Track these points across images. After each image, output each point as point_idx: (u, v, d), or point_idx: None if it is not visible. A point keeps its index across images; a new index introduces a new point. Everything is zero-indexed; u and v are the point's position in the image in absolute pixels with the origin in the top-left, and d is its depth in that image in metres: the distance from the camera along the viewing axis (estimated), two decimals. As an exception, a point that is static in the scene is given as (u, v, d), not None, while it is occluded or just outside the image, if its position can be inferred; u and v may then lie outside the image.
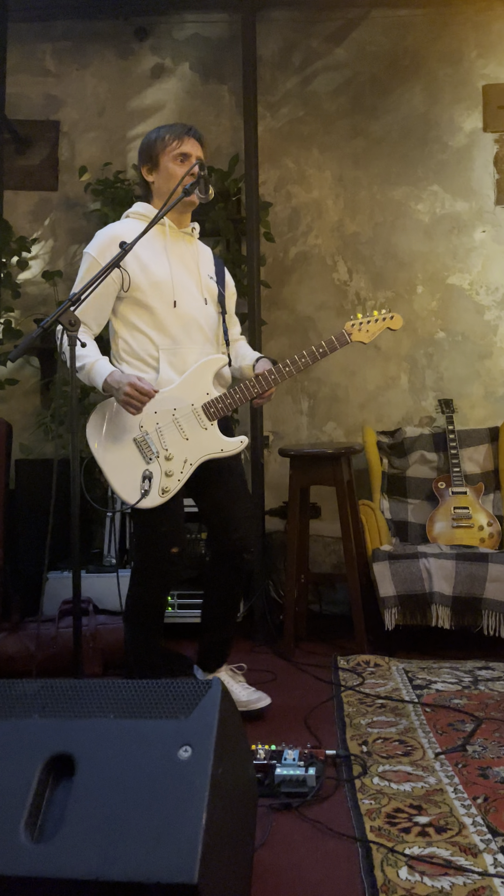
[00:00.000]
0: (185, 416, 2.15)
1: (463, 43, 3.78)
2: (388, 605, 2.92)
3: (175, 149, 2.19)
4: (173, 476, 2.12)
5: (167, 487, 2.12)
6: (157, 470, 2.12)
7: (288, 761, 1.88)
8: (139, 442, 2.13)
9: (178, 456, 2.13)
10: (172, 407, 2.15)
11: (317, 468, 3.09)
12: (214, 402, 2.16)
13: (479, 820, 1.65)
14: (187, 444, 2.14)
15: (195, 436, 2.15)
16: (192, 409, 2.16)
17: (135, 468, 2.12)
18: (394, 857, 1.51)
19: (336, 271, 3.85)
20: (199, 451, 2.15)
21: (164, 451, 2.13)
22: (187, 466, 2.14)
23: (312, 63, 3.85)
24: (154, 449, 2.13)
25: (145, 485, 2.09)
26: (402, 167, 3.82)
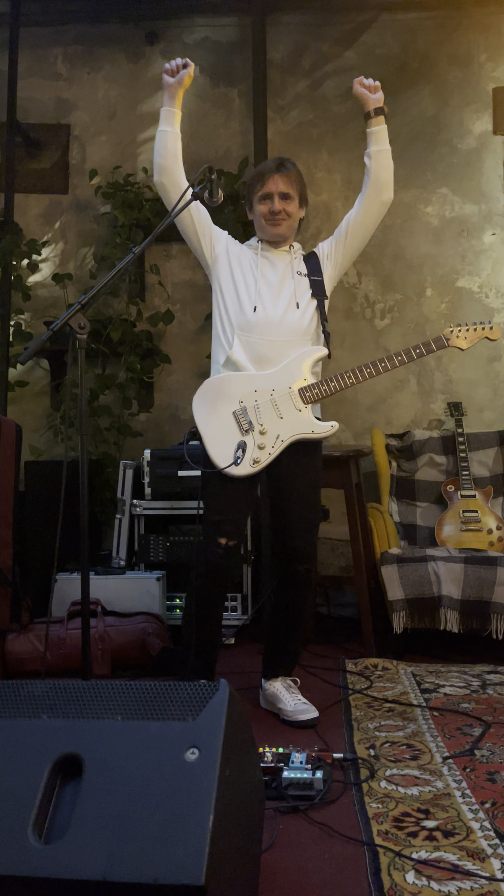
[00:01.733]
0: (282, 397, 2.31)
1: (472, 46, 3.78)
2: (396, 609, 2.91)
3: (259, 191, 2.38)
4: (265, 449, 2.28)
5: (258, 459, 2.27)
6: (251, 442, 2.27)
7: (295, 764, 1.88)
8: (237, 414, 2.29)
9: (271, 431, 2.29)
10: (271, 388, 2.31)
11: (325, 471, 3.08)
12: (311, 388, 2.32)
13: (487, 825, 1.65)
14: (281, 422, 2.30)
15: (289, 415, 2.30)
16: (290, 391, 2.31)
17: (231, 438, 2.28)
18: (401, 861, 1.51)
19: (345, 274, 3.84)
20: (292, 430, 2.30)
21: (260, 425, 2.29)
22: (279, 442, 2.29)
23: (322, 66, 3.86)
24: (250, 422, 2.29)
25: (238, 453, 2.24)
26: (411, 170, 3.81)
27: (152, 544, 3.27)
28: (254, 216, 2.43)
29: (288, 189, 2.37)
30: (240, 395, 2.31)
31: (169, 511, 3.29)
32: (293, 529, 2.37)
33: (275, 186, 2.36)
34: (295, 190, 2.39)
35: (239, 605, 3.23)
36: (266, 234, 2.41)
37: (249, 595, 3.26)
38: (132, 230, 3.67)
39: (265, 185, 2.36)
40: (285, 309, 2.35)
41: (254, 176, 2.44)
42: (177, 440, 3.71)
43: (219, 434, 2.28)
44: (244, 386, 2.31)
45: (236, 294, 2.37)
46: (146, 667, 2.83)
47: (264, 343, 2.34)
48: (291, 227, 2.42)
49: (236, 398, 2.31)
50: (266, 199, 2.37)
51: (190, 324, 3.91)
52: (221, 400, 2.31)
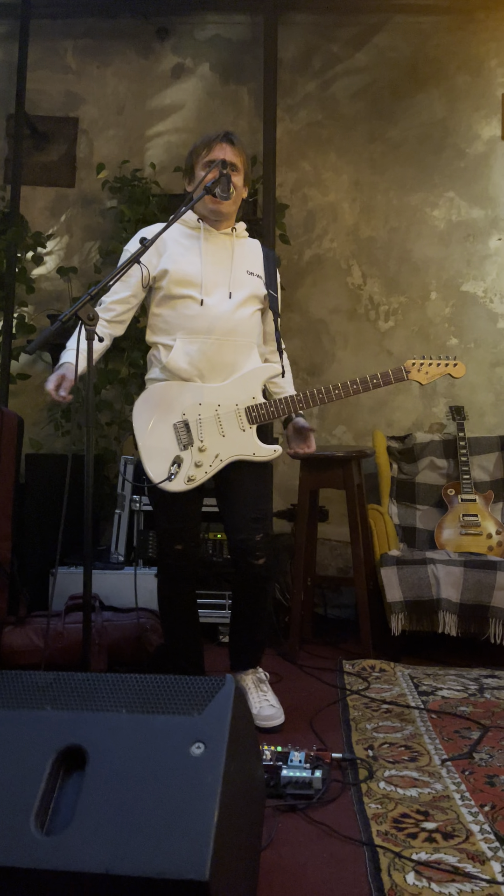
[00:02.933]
0: (227, 415, 2.20)
1: (483, 51, 3.78)
2: (395, 611, 2.91)
3: (204, 157, 2.21)
4: (202, 467, 2.18)
5: (193, 476, 2.17)
6: (188, 458, 2.18)
7: (294, 763, 1.87)
8: (178, 428, 2.20)
9: (210, 449, 2.19)
10: (217, 403, 2.20)
11: (327, 471, 3.09)
12: (258, 408, 2.22)
13: (487, 827, 1.64)
14: (223, 441, 2.20)
15: (232, 434, 2.21)
16: (236, 409, 2.21)
17: (168, 451, 2.18)
18: (401, 862, 1.50)
19: (350, 275, 3.85)
20: (233, 450, 2.21)
21: (200, 441, 2.19)
22: (217, 461, 2.20)
23: (332, 67, 3.86)
24: (191, 437, 2.19)
25: (173, 468, 2.15)
26: (418, 173, 3.82)
27: (151, 540, 3.26)
28: (193, 187, 2.22)
29: (235, 160, 2.20)
30: (183, 407, 2.19)
31: (169, 508, 3.28)
32: (241, 523, 2.24)
33: (221, 154, 2.18)
34: (241, 163, 2.22)
35: (237, 603, 3.21)
36: (208, 211, 2.22)
37: (247, 594, 3.24)
38: (138, 225, 3.66)
39: (212, 149, 2.19)
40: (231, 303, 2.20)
41: (199, 143, 2.24)
42: (178, 437, 3.70)
43: (156, 447, 2.19)
44: (189, 398, 2.19)
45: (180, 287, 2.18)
46: (143, 663, 2.81)
47: (210, 344, 2.19)
48: (236, 204, 2.25)
49: (179, 410, 2.19)
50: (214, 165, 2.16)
51: (193, 321, 3.89)
52: (163, 410, 2.20)
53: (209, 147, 2.21)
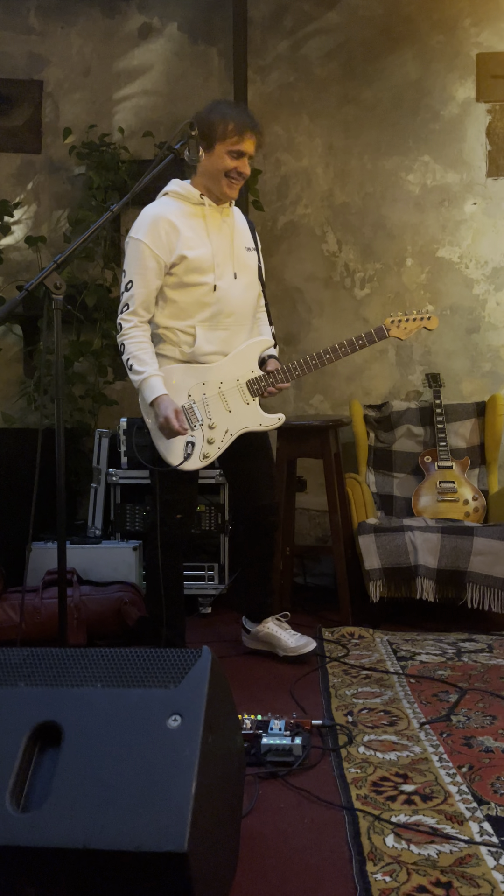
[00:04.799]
0: (230, 391, 2.33)
1: (457, 10, 3.70)
2: (373, 578, 2.92)
3: (234, 144, 2.23)
4: (214, 443, 2.31)
5: (208, 453, 2.31)
6: (199, 437, 2.29)
7: (274, 731, 1.88)
8: (186, 410, 2.29)
9: (220, 426, 2.32)
10: (219, 381, 2.32)
11: (304, 441, 3.07)
12: (258, 380, 2.35)
13: (465, 788, 1.67)
14: (230, 416, 2.33)
15: (238, 409, 2.34)
16: (238, 384, 2.34)
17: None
18: (380, 825, 1.52)
19: (325, 242, 3.80)
20: (240, 423, 2.34)
21: (209, 420, 2.31)
22: (227, 436, 2.33)
23: (304, 26, 3.76)
24: (199, 417, 2.30)
25: (188, 449, 2.27)
26: (392, 137, 3.76)
27: (129, 513, 3.24)
28: (209, 159, 2.24)
29: (254, 154, 2.30)
30: (188, 389, 2.30)
31: (146, 480, 3.25)
32: (262, 488, 2.49)
33: (250, 148, 2.26)
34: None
35: (216, 574, 3.21)
36: (219, 191, 2.28)
37: (227, 565, 3.25)
38: (108, 192, 3.57)
39: (244, 140, 2.23)
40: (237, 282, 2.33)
41: (230, 119, 2.21)
42: (153, 409, 3.65)
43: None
44: (192, 379, 2.31)
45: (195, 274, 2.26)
46: (123, 636, 2.81)
47: (225, 326, 2.32)
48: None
49: (184, 392, 2.30)
50: (239, 157, 2.25)
51: (167, 291, 3.83)
52: (170, 394, 2.26)
53: (241, 136, 2.23)
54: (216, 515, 3.23)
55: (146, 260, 2.23)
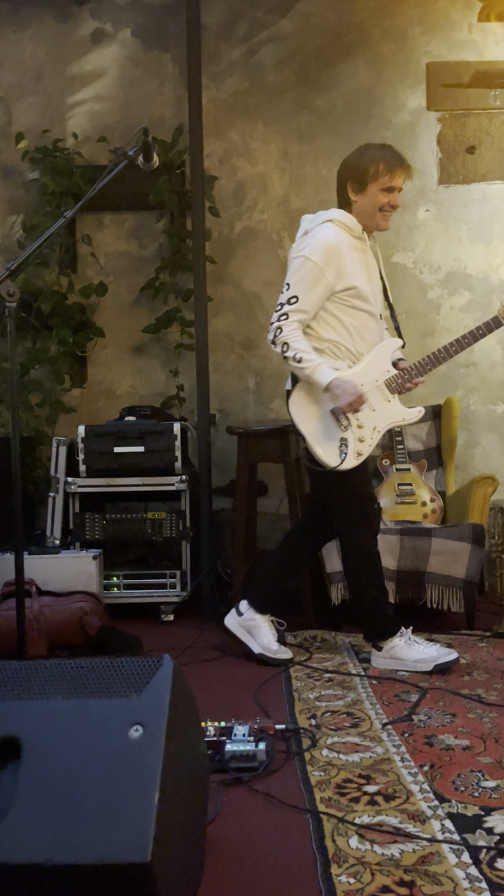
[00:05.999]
0: (372, 391, 2.49)
1: (407, 20, 3.77)
2: (334, 581, 2.94)
3: (386, 182, 2.44)
4: (365, 441, 2.48)
5: (361, 451, 2.47)
6: (351, 437, 2.46)
7: (238, 737, 1.88)
8: (336, 413, 2.45)
9: (367, 424, 2.48)
10: (360, 383, 2.46)
11: (264, 445, 3.09)
12: (395, 378, 2.53)
13: (426, 787, 1.69)
14: (374, 414, 2.50)
15: (381, 406, 2.51)
16: (377, 384, 2.50)
17: (332, 436, 2.46)
18: (344, 827, 1.53)
19: (282, 248, 3.83)
20: (385, 420, 2.52)
21: (356, 420, 2.47)
22: (376, 433, 2.50)
23: (257, 33, 3.78)
24: (348, 419, 2.45)
25: (343, 449, 2.44)
26: (346, 143, 3.77)
27: (88, 522, 3.20)
28: (363, 199, 2.47)
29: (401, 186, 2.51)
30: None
31: (105, 488, 3.23)
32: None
33: (400, 182, 2.46)
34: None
35: (178, 581, 3.20)
36: (374, 225, 2.50)
37: (189, 571, 3.24)
38: (62, 198, 3.54)
39: (394, 177, 2.44)
40: (380, 314, 2.60)
41: (380, 159, 2.44)
42: (112, 416, 3.63)
43: (320, 433, 2.47)
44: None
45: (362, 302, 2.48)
46: (84, 646, 2.77)
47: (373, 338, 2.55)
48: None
49: (329, 398, 2.45)
50: (390, 192, 2.45)
51: (124, 296, 3.81)
52: (316, 402, 2.47)
53: (392, 174, 2.44)
54: (177, 522, 3.21)
55: (317, 283, 2.42)
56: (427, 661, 2.44)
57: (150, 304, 3.75)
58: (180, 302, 3.67)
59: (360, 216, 2.48)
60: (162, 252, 3.74)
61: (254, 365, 3.85)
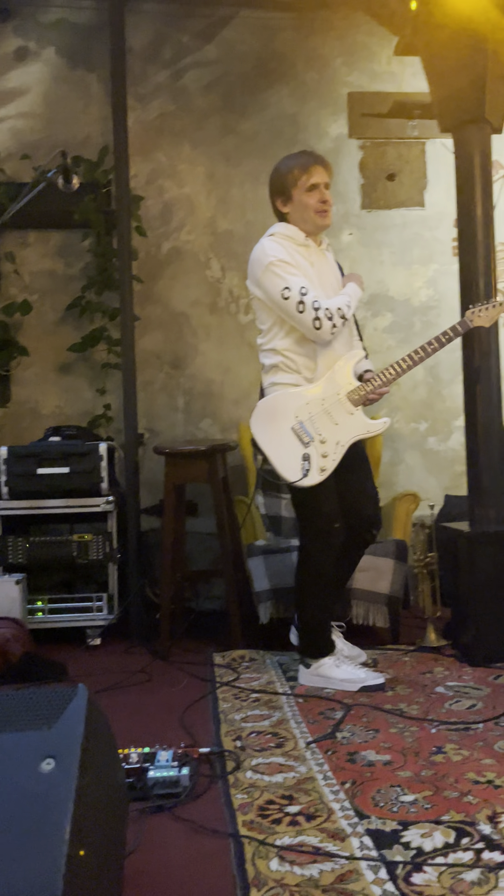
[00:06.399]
0: (334, 405, 2.46)
1: (328, 50, 3.89)
2: (262, 599, 2.96)
3: (305, 182, 2.46)
4: (328, 457, 2.44)
5: (324, 467, 2.43)
6: (314, 452, 2.42)
7: (161, 763, 1.86)
8: (296, 430, 2.44)
9: (330, 439, 2.44)
10: (321, 398, 2.46)
11: (192, 465, 3.09)
12: (357, 390, 2.48)
13: (347, 804, 1.71)
14: (337, 428, 2.46)
15: (343, 420, 2.46)
16: (338, 397, 2.47)
17: (294, 452, 2.42)
18: (264, 850, 1.53)
19: (209, 268, 3.86)
20: (349, 433, 2.47)
21: (318, 435, 2.44)
22: (339, 447, 2.45)
23: (183, 58, 3.82)
24: (309, 434, 2.43)
25: (305, 465, 2.40)
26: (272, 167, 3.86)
27: (11, 546, 3.12)
28: (293, 207, 2.49)
29: (329, 180, 2.50)
30: (294, 411, 2.45)
31: (29, 511, 3.16)
32: (367, 500, 2.60)
33: (321, 177, 2.46)
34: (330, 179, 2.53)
35: (105, 604, 3.15)
36: (313, 226, 2.49)
37: (116, 594, 3.19)
38: (-15, 215, 3.48)
39: (312, 175, 2.45)
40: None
41: (295, 167, 2.47)
42: (36, 436, 3.56)
43: (283, 451, 2.43)
44: (296, 401, 2.46)
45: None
46: (6, 674, 2.70)
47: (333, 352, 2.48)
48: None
49: (291, 414, 2.45)
50: (314, 190, 2.45)
51: (50, 315, 3.76)
52: (277, 419, 2.45)
53: (308, 172, 2.46)
54: (104, 544, 3.17)
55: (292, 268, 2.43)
56: (354, 682, 2.46)
57: (77, 323, 3.71)
58: (107, 321, 3.65)
59: (299, 224, 2.50)
60: (88, 271, 3.71)
61: (183, 384, 3.85)
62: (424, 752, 1.97)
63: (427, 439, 3.97)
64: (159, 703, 2.46)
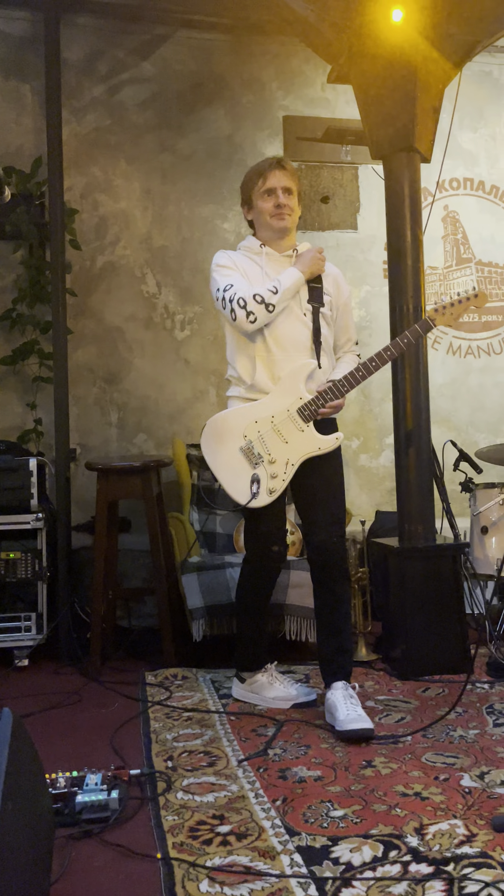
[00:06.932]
0: (283, 421, 2.36)
1: (265, 74, 3.96)
2: (195, 617, 2.94)
3: (261, 187, 2.41)
4: (278, 477, 2.34)
5: (273, 488, 2.34)
6: (263, 473, 2.34)
7: (90, 786, 1.82)
8: (244, 450, 2.35)
9: (280, 458, 2.35)
10: (270, 414, 2.36)
11: (125, 481, 3.05)
12: (308, 405, 2.36)
13: (278, 822, 1.71)
14: (287, 447, 2.35)
15: (293, 438, 2.36)
16: (288, 413, 2.36)
17: (243, 473, 2.34)
18: (195, 871, 1.51)
19: (145, 283, 3.85)
20: (299, 452, 2.36)
21: (268, 455, 2.35)
22: (290, 467, 2.35)
23: (119, 73, 3.83)
24: (258, 455, 2.35)
25: (254, 487, 2.32)
26: (208, 185, 3.91)
27: None
28: (254, 215, 2.46)
29: (289, 184, 2.42)
30: (243, 430, 2.36)
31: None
32: (319, 524, 2.41)
33: (277, 181, 2.40)
34: (295, 185, 2.44)
35: (33, 624, 3.07)
36: (270, 231, 2.43)
37: (45, 614, 3.11)
38: None
39: (267, 179, 2.40)
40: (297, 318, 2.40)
41: (252, 173, 2.45)
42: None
43: (232, 472, 2.35)
44: (245, 419, 2.37)
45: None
46: None
47: (283, 359, 2.37)
48: (294, 223, 2.45)
49: (240, 433, 2.36)
50: (269, 195, 2.40)
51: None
52: (226, 438, 2.37)
53: (264, 176, 2.41)
54: (33, 562, 3.10)
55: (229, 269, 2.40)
56: (285, 700, 2.47)
57: (7, 336, 3.64)
58: (38, 334, 3.59)
59: (261, 230, 2.47)
60: (20, 283, 3.65)
61: (117, 399, 3.82)
62: (354, 767, 1.99)
63: (359, 456, 4.04)
64: (89, 725, 2.40)
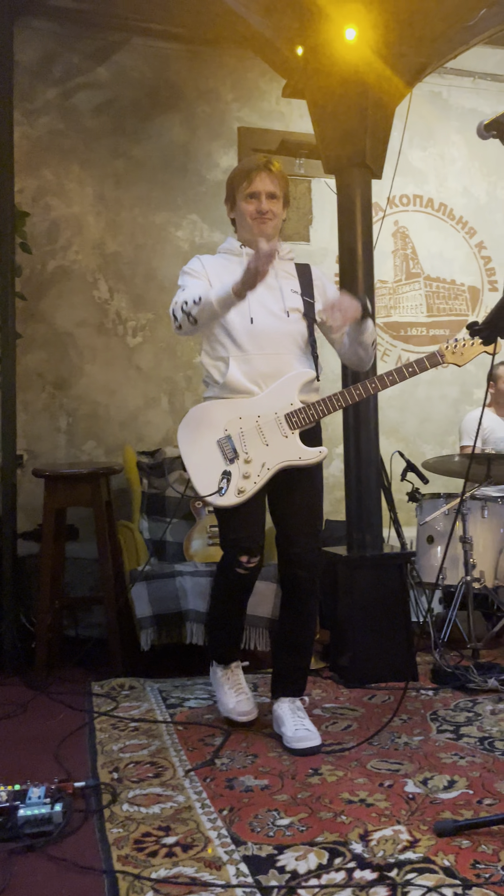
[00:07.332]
0: (268, 424, 2.26)
1: (220, 85, 3.99)
2: (144, 626, 2.91)
3: (245, 189, 2.33)
4: (250, 478, 2.23)
5: (243, 488, 2.22)
6: (235, 471, 2.23)
7: (33, 800, 1.78)
8: (221, 443, 2.25)
9: (256, 459, 2.24)
10: (256, 414, 2.26)
11: (73, 489, 3.02)
12: (297, 413, 2.26)
13: (224, 832, 1.70)
14: (267, 450, 2.25)
15: (275, 442, 2.25)
16: (276, 417, 2.26)
17: (215, 466, 2.23)
18: (140, 884, 1.50)
19: (97, 289, 3.82)
20: (278, 458, 2.25)
21: (245, 453, 2.24)
22: (264, 470, 2.24)
23: (73, 78, 3.80)
24: (235, 451, 2.24)
25: (223, 483, 2.20)
26: (163, 193, 3.91)
27: None
28: (236, 214, 2.39)
29: (275, 188, 2.34)
30: (224, 423, 2.27)
31: None
32: (294, 536, 2.32)
33: (262, 185, 2.32)
34: (281, 190, 2.36)
35: (-23, 634, 3.00)
36: (251, 235, 2.35)
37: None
38: None
39: (252, 181, 2.32)
40: (278, 318, 2.30)
41: (238, 173, 2.37)
42: None
43: (202, 463, 2.24)
44: (229, 413, 2.27)
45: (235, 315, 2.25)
46: None
47: (261, 359, 2.27)
48: (277, 228, 2.39)
49: (221, 426, 2.27)
50: (253, 198, 2.33)
51: None
52: (205, 428, 2.27)
53: (249, 178, 2.33)
54: (-22, 570, 3.02)
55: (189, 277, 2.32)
56: (223, 706, 2.43)
57: (-46, 339, 3.55)
58: (-13, 338, 3.52)
59: (242, 230, 2.39)
60: (-32, 286, 3.57)
61: (66, 405, 3.77)
62: (301, 775, 2.00)
63: (309, 465, 4.07)
64: (33, 737, 2.36)
